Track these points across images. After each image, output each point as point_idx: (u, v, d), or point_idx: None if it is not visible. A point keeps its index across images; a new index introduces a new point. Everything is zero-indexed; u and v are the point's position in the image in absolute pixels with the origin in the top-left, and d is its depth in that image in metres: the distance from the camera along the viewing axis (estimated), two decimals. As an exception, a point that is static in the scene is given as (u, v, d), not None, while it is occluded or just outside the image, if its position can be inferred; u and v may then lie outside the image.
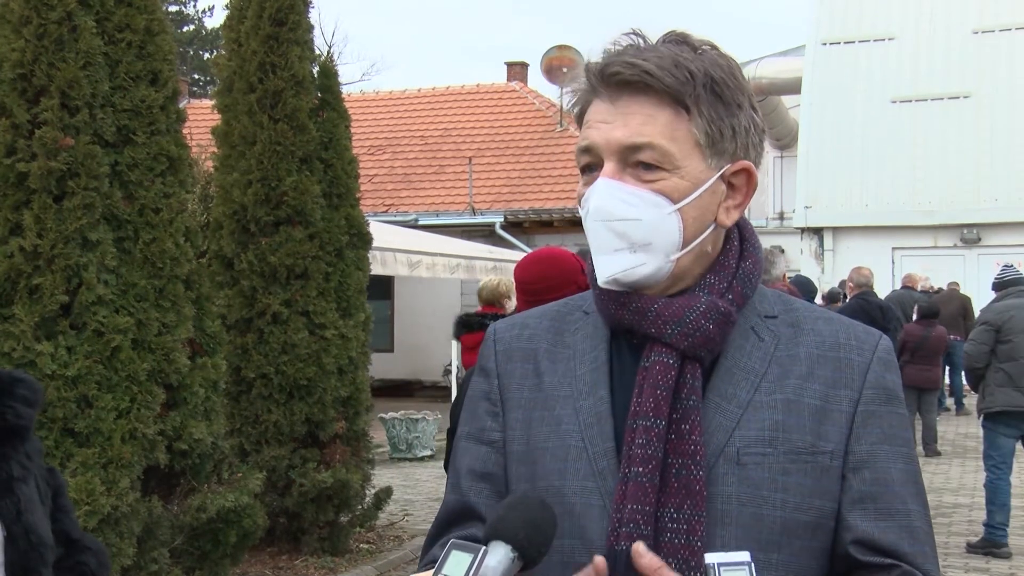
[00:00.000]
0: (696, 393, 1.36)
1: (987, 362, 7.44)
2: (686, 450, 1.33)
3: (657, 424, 1.34)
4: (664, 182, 1.35)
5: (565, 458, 1.40)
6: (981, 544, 7.58)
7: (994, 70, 19.17)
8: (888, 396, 1.40)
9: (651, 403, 1.34)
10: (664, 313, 1.37)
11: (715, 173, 1.38)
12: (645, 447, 1.33)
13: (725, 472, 1.34)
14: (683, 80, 1.34)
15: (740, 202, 1.42)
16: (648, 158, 1.35)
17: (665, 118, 1.35)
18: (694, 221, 1.37)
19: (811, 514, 1.35)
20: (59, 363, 4.69)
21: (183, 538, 5.25)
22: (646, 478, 1.32)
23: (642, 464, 1.33)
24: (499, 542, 1.20)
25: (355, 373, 7.35)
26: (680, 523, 1.32)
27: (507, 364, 1.51)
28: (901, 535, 1.35)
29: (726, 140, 1.37)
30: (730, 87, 1.37)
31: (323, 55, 7.76)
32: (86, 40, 4.84)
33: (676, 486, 1.33)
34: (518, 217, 18.48)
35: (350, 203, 7.47)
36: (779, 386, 1.38)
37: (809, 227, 19.40)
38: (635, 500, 1.32)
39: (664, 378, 1.35)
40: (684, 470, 1.33)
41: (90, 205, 4.80)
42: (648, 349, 1.38)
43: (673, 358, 1.36)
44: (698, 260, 1.40)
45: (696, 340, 1.36)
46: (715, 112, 1.36)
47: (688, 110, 1.35)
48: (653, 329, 1.37)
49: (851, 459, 1.37)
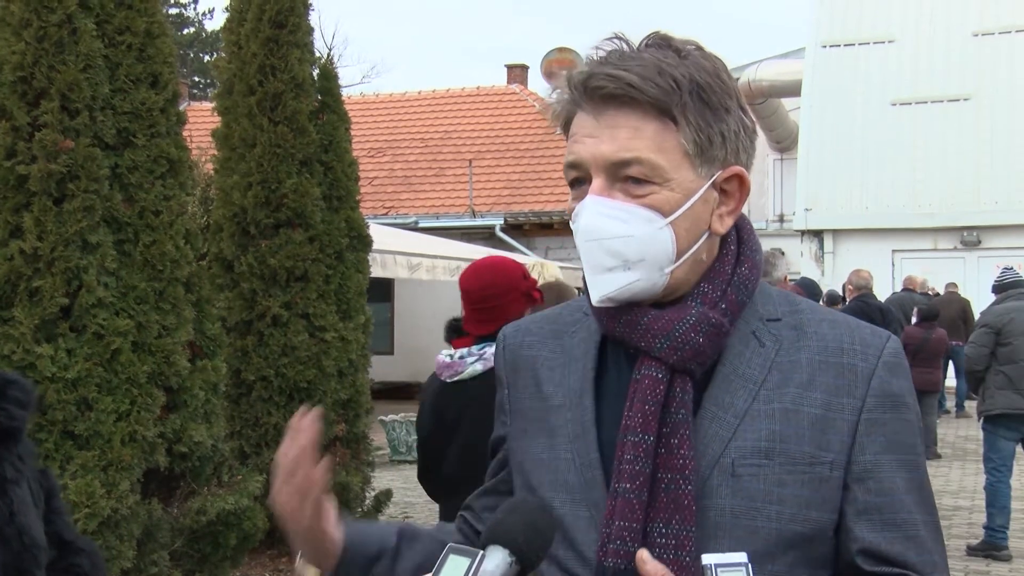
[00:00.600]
0: (686, 407, 1.34)
1: (987, 364, 7.44)
2: (675, 464, 1.32)
3: (646, 439, 1.32)
4: (655, 196, 1.32)
5: (556, 469, 1.40)
6: (981, 547, 7.57)
7: (994, 72, 19.17)
8: (894, 403, 1.37)
9: (639, 418, 1.33)
10: (653, 327, 1.34)
11: (706, 182, 1.35)
12: (633, 463, 1.32)
13: (719, 484, 1.33)
14: (668, 89, 1.30)
15: (733, 208, 1.40)
16: (637, 173, 1.32)
17: (652, 130, 1.32)
18: (687, 232, 1.34)
19: (807, 525, 1.33)
20: (59, 365, 4.69)
21: (183, 541, 5.25)
22: (633, 494, 1.31)
23: (630, 480, 1.32)
24: (497, 546, 1.20)
25: (355, 376, 7.34)
26: (669, 538, 1.31)
27: (512, 375, 1.51)
28: (908, 545, 1.34)
29: (715, 147, 1.34)
30: (717, 91, 1.33)
31: (323, 58, 7.76)
32: (86, 43, 4.84)
33: (665, 501, 1.32)
34: (518, 219, 18.48)
35: (350, 205, 7.47)
36: (778, 394, 1.35)
37: (809, 230, 19.40)
38: (623, 517, 1.31)
39: (653, 393, 1.33)
40: (673, 485, 1.31)
41: (90, 207, 4.80)
42: (639, 362, 1.36)
43: (662, 372, 1.34)
44: (693, 269, 1.37)
45: (685, 354, 1.34)
46: (703, 119, 1.32)
47: (675, 120, 1.32)
48: (643, 343, 1.35)
49: (854, 469, 1.35)
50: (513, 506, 1.26)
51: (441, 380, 3.50)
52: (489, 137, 21.00)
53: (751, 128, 1.40)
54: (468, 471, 3.43)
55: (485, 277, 3.51)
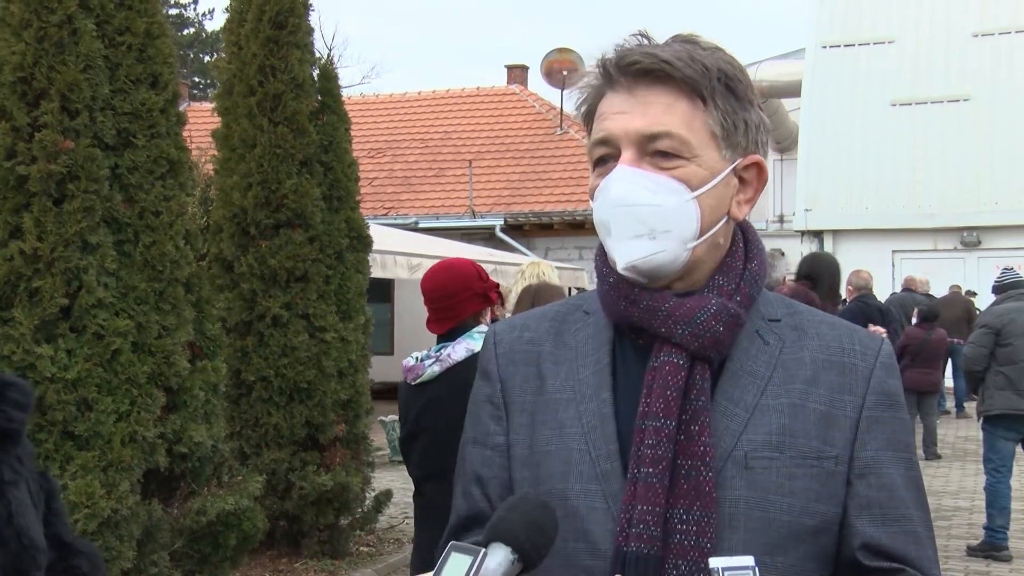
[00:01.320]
0: (705, 394, 1.35)
1: (986, 365, 7.43)
2: (696, 451, 1.33)
3: (667, 425, 1.33)
4: (683, 169, 1.36)
5: (568, 461, 1.39)
6: (982, 547, 7.58)
7: (994, 73, 19.17)
8: (891, 402, 1.41)
9: (661, 404, 1.34)
10: (675, 313, 1.36)
11: (729, 165, 1.39)
12: (655, 448, 1.33)
13: (733, 475, 1.34)
14: (700, 72, 1.35)
15: (751, 196, 1.44)
16: (667, 146, 1.35)
17: (683, 108, 1.36)
18: (711, 210, 1.38)
19: (816, 519, 1.35)
20: (59, 366, 4.69)
21: (183, 541, 5.25)
22: (656, 479, 1.32)
23: (652, 464, 1.33)
24: (499, 544, 1.19)
25: (355, 376, 7.34)
26: (690, 524, 1.31)
27: (509, 367, 1.49)
28: (907, 540, 1.36)
29: (739, 134, 1.39)
30: (742, 82, 1.39)
31: (323, 58, 7.76)
32: (86, 43, 4.84)
33: (686, 487, 1.32)
34: (518, 220, 18.48)
35: (350, 206, 7.47)
36: (785, 390, 1.38)
37: (809, 230, 19.40)
38: (645, 501, 1.32)
39: (674, 378, 1.35)
40: (694, 471, 1.33)
41: (90, 208, 4.80)
42: (657, 349, 1.38)
43: (683, 359, 1.36)
44: (710, 252, 1.40)
45: (706, 341, 1.36)
46: (729, 105, 1.37)
47: (704, 101, 1.36)
48: (664, 329, 1.37)
49: (856, 464, 1.37)
50: (514, 504, 1.25)
51: (406, 383, 3.65)
52: (489, 137, 21.00)
53: (768, 127, 1.44)
54: (427, 471, 3.53)
55: (439, 278, 3.66)
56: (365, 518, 7.66)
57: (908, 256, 18.65)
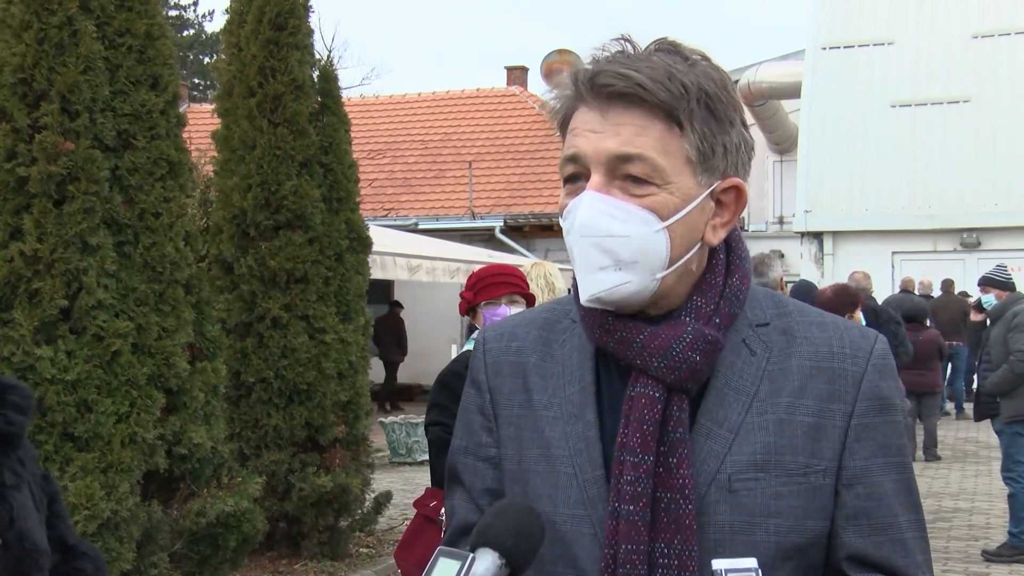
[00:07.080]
0: (683, 425, 1.33)
1: None
2: (675, 484, 1.31)
3: (645, 460, 1.31)
4: (653, 198, 1.30)
5: (556, 484, 1.38)
6: (1007, 551, 7.38)
7: (994, 74, 19.16)
8: (883, 406, 1.37)
9: (638, 438, 1.32)
10: (650, 345, 1.32)
11: (704, 190, 1.34)
12: (634, 484, 1.31)
13: (717, 500, 1.32)
14: (677, 94, 1.29)
15: (728, 220, 1.38)
16: (638, 171, 1.30)
17: (657, 131, 1.30)
18: (682, 239, 1.33)
19: (805, 535, 1.33)
20: (59, 367, 4.69)
21: (183, 543, 5.25)
22: (638, 516, 1.30)
23: (632, 502, 1.31)
24: (487, 549, 1.20)
25: (355, 377, 7.34)
26: (671, 558, 1.30)
27: (496, 378, 1.47)
28: (894, 549, 1.35)
29: (717, 157, 1.33)
30: (723, 103, 1.33)
31: (323, 59, 7.77)
32: (86, 44, 4.85)
33: (666, 521, 1.31)
34: (518, 221, 18.49)
35: (350, 207, 7.47)
36: (771, 405, 1.35)
37: (809, 231, 19.38)
38: (628, 540, 1.30)
39: (650, 412, 1.32)
40: (673, 504, 1.31)
41: (90, 209, 4.80)
42: (634, 378, 1.35)
43: (659, 391, 1.33)
44: (682, 279, 1.36)
45: (683, 373, 1.32)
46: (708, 128, 1.31)
47: (681, 125, 1.30)
48: (639, 361, 1.33)
49: (845, 474, 1.35)
50: (501, 509, 1.25)
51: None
52: (489, 139, 21.01)
53: (751, 145, 1.39)
54: None
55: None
56: (365, 519, 7.66)
57: (908, 257, 18.64)
